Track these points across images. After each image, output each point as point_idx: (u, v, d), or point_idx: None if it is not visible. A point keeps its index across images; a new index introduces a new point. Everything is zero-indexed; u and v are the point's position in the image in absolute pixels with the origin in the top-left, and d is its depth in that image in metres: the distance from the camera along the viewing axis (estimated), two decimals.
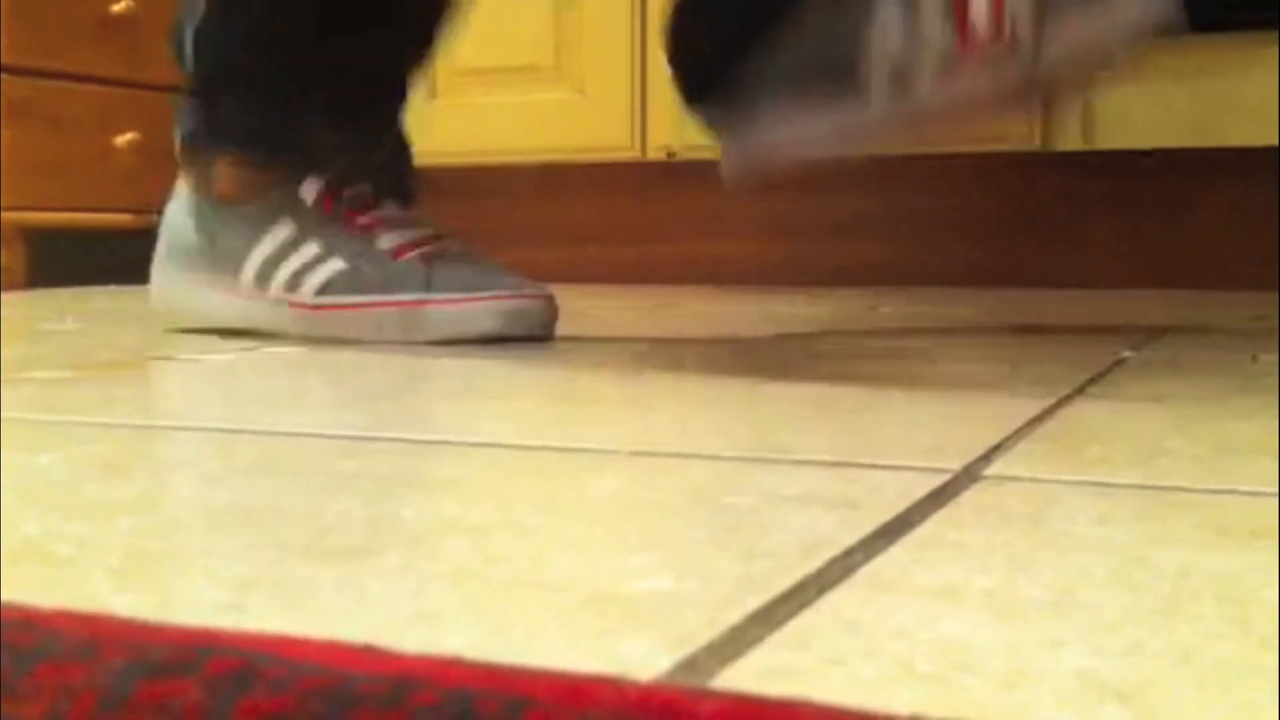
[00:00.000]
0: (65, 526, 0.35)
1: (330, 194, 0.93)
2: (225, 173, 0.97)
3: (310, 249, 0.93)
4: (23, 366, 0.77)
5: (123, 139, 1.88)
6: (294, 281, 0.93)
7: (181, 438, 0.51)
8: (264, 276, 0.94)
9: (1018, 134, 1.71)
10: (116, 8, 1.87)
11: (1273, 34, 1.58)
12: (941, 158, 1.77)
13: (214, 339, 0.96)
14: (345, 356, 0.84)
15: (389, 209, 0.94)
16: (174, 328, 0.99)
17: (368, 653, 0.24)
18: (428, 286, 0.89)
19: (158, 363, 0.81)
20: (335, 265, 0.92)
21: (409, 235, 0.92)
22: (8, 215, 1.74)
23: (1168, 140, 1.66)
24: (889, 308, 1.35)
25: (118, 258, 1.95)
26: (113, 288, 1.75)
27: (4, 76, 1.74)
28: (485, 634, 0.26)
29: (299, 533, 0.35)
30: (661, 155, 1.89)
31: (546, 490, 0.42)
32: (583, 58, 1.90)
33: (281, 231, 0.94)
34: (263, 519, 0.37)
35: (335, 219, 0.93)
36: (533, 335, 0.89)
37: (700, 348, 0.90)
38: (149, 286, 1.02)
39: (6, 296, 1.54)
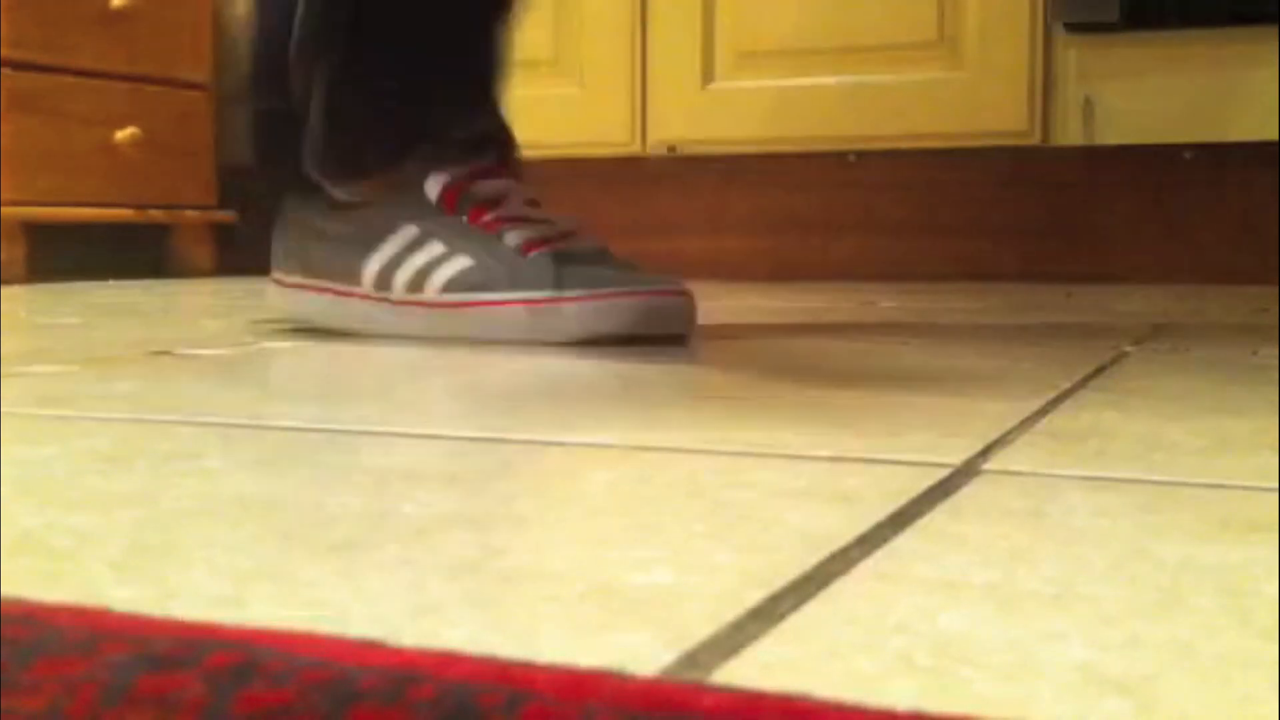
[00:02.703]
0: (66, 520, 0.35)
1: (453, 190, 0.90)
2: (345, 185, 0.95)
3: (435, 247, 0.89)
4: (23, 360, 0.77)
5: (123, 133, 1.88)
6: (417, 280, 0.89)
7: (181, 432, 0.51)
8: (385, 278, 0.91)
9: (1019, 129, 1.71)
10: (117, 2, 1.87)
11: (1273, 28, 1.58)
12: (942, 153, 1.77)
13: (213, 335, 0.96)
14: (347, 350, 0.84)
15: (514, 205, 0.90)
16: (285, 326, 0.98)
17: (368, 647, 0.24)
18: (558, 284, 0.85)
19: (157, 357, 0.81)
20: (461, 262, 0.88)
21: (537, 231, 0.88)
22: (8, 209, 1.74)
23: (1168, 135, 1.66)
24: (888, 303, 1.35)
25: (118, 252, 1.96)
26: (113, 282, 1.75)
27: (5, 70, 1.74)
28: (485, 627, 0.26)
29: (299, 526, 0.35)
30: (662, 150, 1.89)
31: (546, 484, 0.42)
32: (582, 52, 1.90)
33: (405, 233, 0.90)
34: (263, 512, 0.37)
35: (459, 217, 0.89)
36: (669, 333, 0.85)
37: (698, 342, 0.90)
38: (268, 289, 1.00)
39: (7, 290, 1.54)
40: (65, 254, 1.87)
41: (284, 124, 0.96)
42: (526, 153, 1.00)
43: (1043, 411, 0.56)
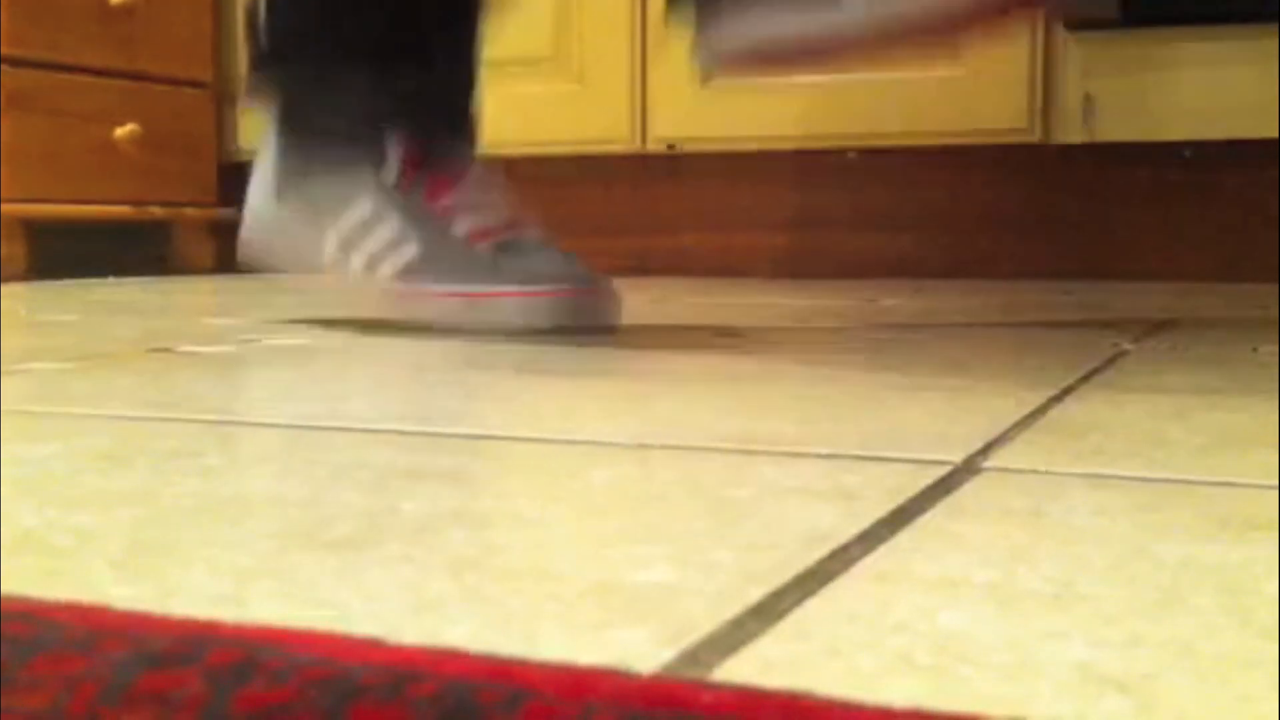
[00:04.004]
0: (65, 518, 0.35)
1: (409, 170, 0.94)
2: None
3: (386, 230, 0.93)
4: (23, 358, 0.77)
5: (122, 131, 1.88)
6: (371, 264, 0.94)
7: (181, 429, 0.51)
8: (344, 254, 0.95)
9: (1019, 126, 1.71)
10: None
11: (1273, 26, 1.58)
12: (942, 150, 1.77)
13: (213, 332, 0.96)
14: (348, 348, 0.84)
15: (466, 190, 0.94)
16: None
17: (368, 644, 0.24)
18: (495, 277, 0.91)
19: (157, 354, 0.81)
20: (410, 251, 0.93)
21: (484, 221, 0.93)
22: (8, 207, 1.74)
23: (1168, 133, 1.66)
24: (889, 300, 1.35)
25: (118, 249, 1.95)
26: (112, 280, 1.75)
27: (4, 68, 1.74)
28: (485, 624, 0.26)
29: (299, 523, 0.35)
30: (661, 147, 1.89)
31: (547, 481, 0.42)
32: (582, 49, 1.90)
33: (361, 208, 0.94)
34: (263, 510, 0.37)
35: (414, 198, 0.94)
36: (594, 327, 0.90)
37: (699, 340, 0.90)
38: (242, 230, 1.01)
39: (7, 288, 1.54)
40: (65, 251, 1.86)
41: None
42: (526, 150, 1.01)
43: (1043, 409, 0.56)
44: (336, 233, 0.95)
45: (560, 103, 1.89)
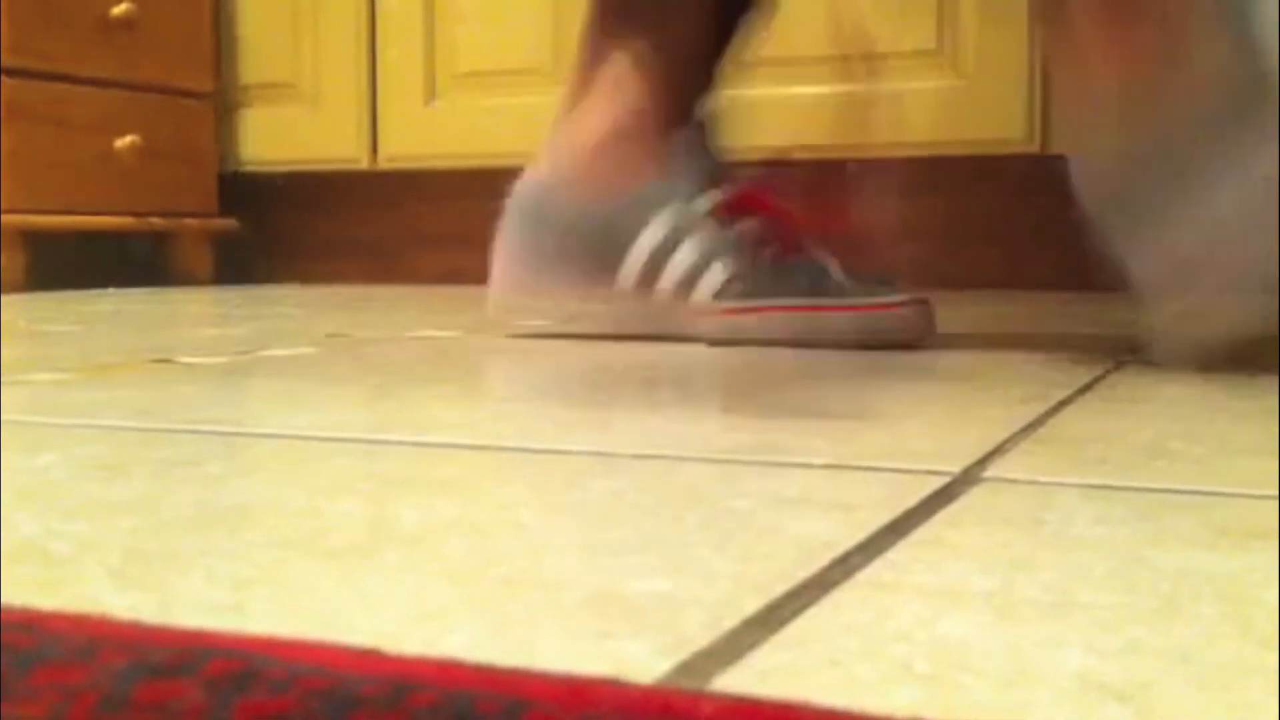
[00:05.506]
0: (65, 527, 0.36)
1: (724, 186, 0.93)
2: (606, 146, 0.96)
3: (688, 251, 0.92)
4: (23, 368, 0.77)
5: (122, 141, 1.88)
6: (686, 283, 0.92)
7: (181, 439, 0.51)
8: (648, 277, 0.93)
9: (1018, 137, 1.72)
10: (116, 10, 1.87)
11: None
12: (940, 160, 1.77)
13: (213, 343, 0.96)
14: (346, 355, 0.84)
15: (761, 204, 0.94)
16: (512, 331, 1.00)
17: (368, 654, 0.24)
18: (814, 292, 0.91)
19: (158, 365, 0.81)
20: (718, 273, 0.92)
21: (779, 237, 0.93)
22: (8, 217, 1.74)
23: None
24: None
25: (118, 260, 1.96)
26: (112, 290, 1.76)
27: (4, 79, 1.75)
28: (484, 634, 0.26)
29: (299, 533, 0.35)
30: None
31: (546, 492, 0.42)
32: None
33: (657, 230, 0.93)
34: (262, 519, 0.37)
35: (709, 215, 0.93)
36: (913, 342, 0.91)
37: (698, 350, 0.90)
38: (490, 289, 1.01)
39: (6, 298, 1.54)
40: (65, 262, 1.87)
41: None
42: (529, 160, 1.00)
43: (1042, 419, 0.56)
44: (636, 253, 0.93)
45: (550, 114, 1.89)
